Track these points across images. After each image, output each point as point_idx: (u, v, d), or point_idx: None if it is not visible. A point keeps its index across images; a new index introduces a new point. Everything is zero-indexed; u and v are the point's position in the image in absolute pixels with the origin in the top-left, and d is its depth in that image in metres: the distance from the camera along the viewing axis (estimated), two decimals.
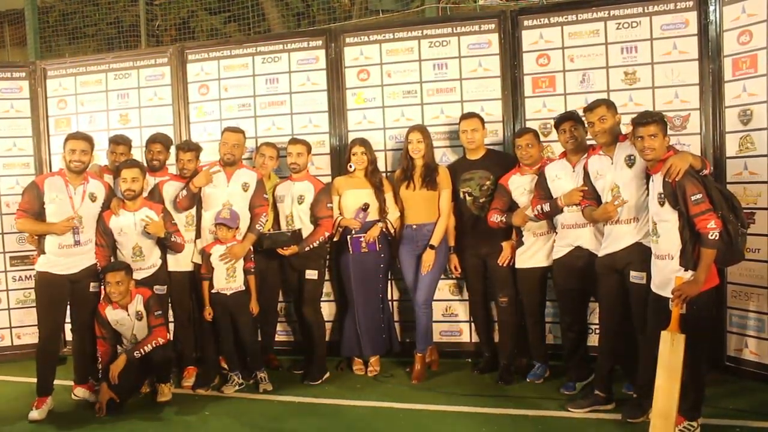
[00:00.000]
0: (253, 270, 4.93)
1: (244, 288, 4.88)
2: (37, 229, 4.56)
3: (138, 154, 5.40)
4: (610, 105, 4.09)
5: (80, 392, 4.79)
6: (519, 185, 4.70)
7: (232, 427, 4.25)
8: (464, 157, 5.02)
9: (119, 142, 5.19)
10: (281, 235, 4.94)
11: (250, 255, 4.93)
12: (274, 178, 5.31)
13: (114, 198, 4.78)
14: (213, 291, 4.83)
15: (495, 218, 4.70)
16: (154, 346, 4.58)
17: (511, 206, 4.72)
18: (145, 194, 4.80)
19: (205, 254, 4.86)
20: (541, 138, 4.86)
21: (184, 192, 4.87)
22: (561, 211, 4.37)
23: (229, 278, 4.82)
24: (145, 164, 5.01)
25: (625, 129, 4.08)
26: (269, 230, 5.06)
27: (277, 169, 5.44)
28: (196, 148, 5.13)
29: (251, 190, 4.95)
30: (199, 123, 5.83)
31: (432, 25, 5.43)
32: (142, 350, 4.56)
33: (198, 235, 5.02)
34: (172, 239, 4.74)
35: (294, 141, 5.14)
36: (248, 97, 5.75)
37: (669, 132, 3.85)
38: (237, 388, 4.86)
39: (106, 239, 4.70)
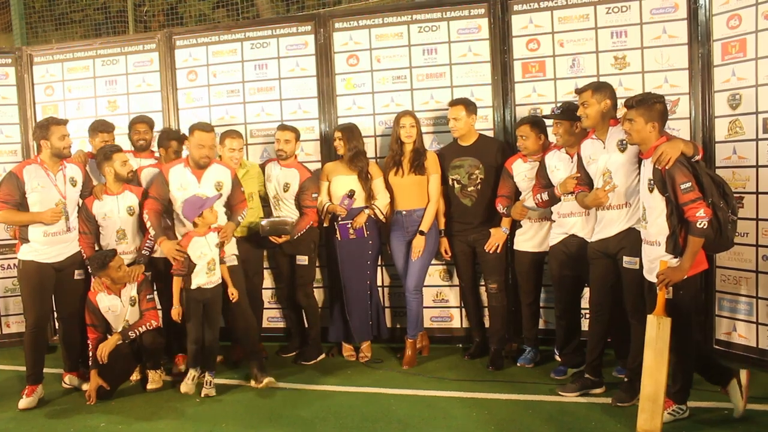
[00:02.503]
0: (224, 259, 4.69)
1: (221, 280, 4.66)
2: (23, 219, 4.48)
3: (123, 139, 5.34)
4: (596, 90, 4.03)
5: (70, 380, 4.79)
6: (521, 171, 4.69)
7: (223, 413, 4.25)
8: (455, 142, 5.00)
9: (107, 130, 5.14)
10: (283, 224, 4.90)
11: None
12: (245, 164, 5.22)
13: (98, 184, 4.76)
14: (193, 287, 4.53)
15: (499, 208, 4.72)
16: (147, 328, 4.57)
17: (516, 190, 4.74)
18: None
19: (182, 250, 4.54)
20: None
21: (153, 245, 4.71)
22: (559, 200, 4.37)
23: (209, 272, 4.55)
24: (131, 145, 5.08)
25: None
26: (261, 218, 5.04)
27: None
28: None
29: (227, 188, 4.69)
30: (187, 109, 5.78)
31: (421, 10, 5.38)
32: (136, 331, 4.54)
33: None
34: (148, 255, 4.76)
35: (283, 127, 5.10)
36: (237, 83, 5.70)
37: None
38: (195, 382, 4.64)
39: (90, 226, 4.67)
